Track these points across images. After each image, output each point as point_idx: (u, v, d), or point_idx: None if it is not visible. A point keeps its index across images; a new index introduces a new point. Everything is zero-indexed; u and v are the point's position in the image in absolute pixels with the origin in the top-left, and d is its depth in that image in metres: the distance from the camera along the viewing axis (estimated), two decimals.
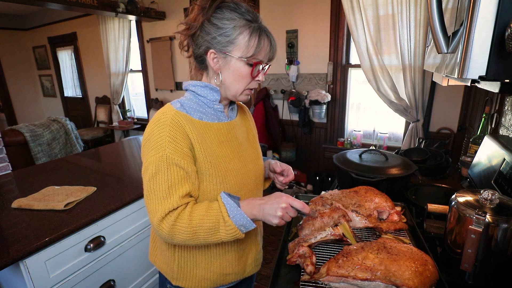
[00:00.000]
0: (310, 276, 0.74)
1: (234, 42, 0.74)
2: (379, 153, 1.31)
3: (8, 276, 1.20)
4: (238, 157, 0.84)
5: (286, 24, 2.99)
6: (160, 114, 0.76)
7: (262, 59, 0.78)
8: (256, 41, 0.75)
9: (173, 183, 0.70)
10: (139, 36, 4.24)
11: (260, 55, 0.77)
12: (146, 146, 0.74)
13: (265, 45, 0.77)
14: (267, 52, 0.78)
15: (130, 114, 4.88)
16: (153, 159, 0.71)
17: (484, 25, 0.48)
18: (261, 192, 0.97)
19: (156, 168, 0.70)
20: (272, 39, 0.79)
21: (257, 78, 0.80)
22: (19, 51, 5.94)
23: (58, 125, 3.56)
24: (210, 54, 0.77)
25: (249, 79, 0.79)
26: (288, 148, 3.20)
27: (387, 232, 0.91)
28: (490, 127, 1.49)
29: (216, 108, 0.82)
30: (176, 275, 0.85)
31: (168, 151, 0.70)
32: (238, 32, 0.74)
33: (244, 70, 0.77)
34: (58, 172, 1.78)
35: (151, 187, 0.71)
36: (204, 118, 0.80)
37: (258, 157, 0.94)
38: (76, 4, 3.02)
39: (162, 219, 0.69)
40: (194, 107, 0.80)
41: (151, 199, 0.71)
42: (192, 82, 0.82)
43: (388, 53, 2.45)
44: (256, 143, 0.97)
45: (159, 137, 0.72)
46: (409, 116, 2.51)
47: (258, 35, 0.75)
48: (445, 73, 0.68)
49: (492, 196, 0.71)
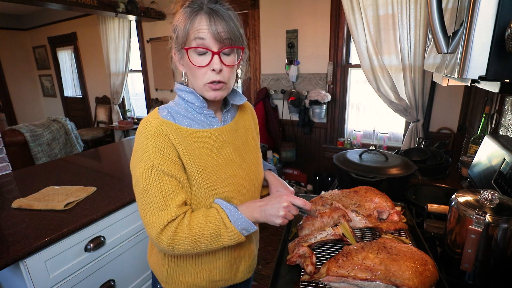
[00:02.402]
0: (310, 276, 0.74)
1: (178, 34, 0.70)
2: (379, 153, 1.31)
3: (8, 276, 1.20)
4: (230, 164, 0.79)
5: (286, 24, 2.99)
6: (145, 123, 0.72)
7: (202, 36, 0.67)
8: (188, 23, 0.67)
9: (167, 193, 0.67)
10: (139, 36, 4.24)
11: (194, 34, 0.67)
12: (134, 158, 0.71)
13: (202, 22, 0.66)
14: (207, 31, 0.66)
15: (130, 114, 4.88)
16: (142, 170, 0.68)
17: (484, 25, 0.48)
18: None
19: (147, 180, 0.67)
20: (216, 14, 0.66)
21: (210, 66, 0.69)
22: (19, 51, 5.94)
23: (58, 125, 3.56)
24: (174, 55, 0.75)
25: (201, 70, 0.70)
26: (288, 148, 3.20)
27: (387, 232, 0.91)
28: (490, 127, 1.49)
29: (206, 114, 0.77)
30: (166, 279, 0.84)
31: (157, 162, 0.67)
32: (180, 22, 0.69)
33: (192, 59, 0.69)
34: (58, 172, 1.78)
35: (145, 199, 0.68)
36: (194, 125, 0.75)
37: (256, 162, 0.88)
38: (76, 4, 3.02)
39: (161, 231, 0.66)
40: (182, 113, 0.75)
41: (146, 212, 0.68)
42: (180, 86, 0.77)
43: (388, 53, 2.45)
44: (255, 146, 0.91)
45: (146, 148, 0.68)
46: (409, 116, 2.51)
47: (189, 15, 0.67)
48: (445, 73, 0.68)
49: (492, 196, 0.71)
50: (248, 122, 0.91)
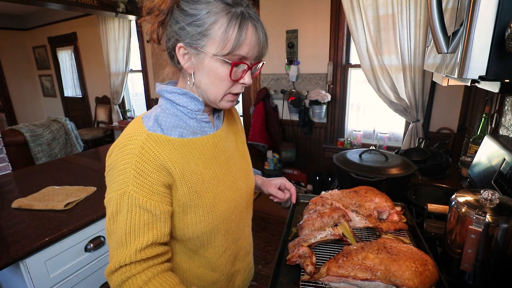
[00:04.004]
0: (310, 276, 0.74)
1: (207, 34, 0.58)
2: (379, 153, 1.31)
3: (8, 276, 1.20)
4: (227, 175, 0.72)
5: (286, 24, 2.99)
6: (127, 138, 0.60)
7: (246, 55, 0.60)
8: (235, 32, 0.57)
9: (131, 229, 0.57)
10: (139, 36, 4.24)
11: (242, 50, 0.59)
12: (109, 175, 0.61)
13: (249, 36, 0.59)
14: (253, 46, 0.60)
15: (130, 114, 4.88)
16: (115, 195, 0.58)
17: (484, 25, 0.48)
18: (250, 211, 0.87)
19: (117, 208, 0.57)
20: (260, 28, 0.60)
21: (241, 80, 0.63)
22: (19, 51, 5.93)
23: (58, 125, 3.56)
24: (179, 50, 0.61)
25: (230, 82, 0.62)
26: (288, 148, 3.20)
27: (387, 232, 0.91)
28: (490, 127, 1.49)
29: (199, 119, 0.68)
30: None
31: (132, 188, 0.57)
32: (213, 21, 0.57)
33: (222, 70, 0.60)
34: (58, 172, 1.78)
35: (110, 226, 0.59)
36: (185, 134, 0.65)
37: (248, 168, 0.83)
38: (76, 4, 3.02)
39: (112, 272, 0.56)
40: (172, 121, 0.64)
41: (109, 240, 0.59)
42: (167, 88, 0.67)
43: (388, 53, 2.45)
44: (245, 151, 0.84)
45: (124, 170, 0.58)
46: (409, 116, 2.51)
47: (238, 24, 0.57)
48: (445, 73, 0.68)
49: (492, 196, 0.71)
50: (235, 124, 0.84)
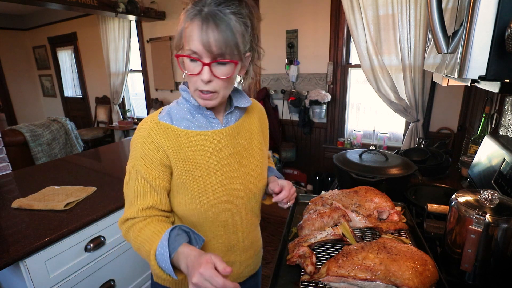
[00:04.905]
0: (310, 276, 0.74)
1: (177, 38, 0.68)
2: (379, 153, 1.31)
3: (8, 276, 1.20)
4: (226, 169, 0.76)
5: (286, 24, 2.99)
6: (143, 122, 0.75)
7: (196, 50, 0.63)
8: (183, 27, 0.64)
9: (137, 194, 0.72)
10: (139, 36, 4.24)
11: (188, 44, 0.64)
12: (130, 151, 0.76)
13: (194, 29, 0.62)
14: (200, 42, 0.62)
15: (130, 114, 4.88)
16: (129, 166, 0.74)
17: (484, 25, 0.48)
18: (257, 208, 0.87)
19: (129, 176, 0.74)
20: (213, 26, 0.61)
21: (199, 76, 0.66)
22: (19, 51, 5.93)
23: (58, 125, 3.56)
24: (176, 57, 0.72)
25: (194, 78, 0.67)
26: (288, 148, 3.20)
27: (387, 232, 0.91)
28: (490, 127, 1.49)
29: (206, 115, 0.75)
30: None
31: (139, 163, 0.71)
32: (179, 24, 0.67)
33: (185, 64, 0.67)
34: (58, 172, 1.78)
35: (125, 191, 0.75)
36: (192, 126, 0.74)
37: (257, 168, 0.83)
38: (76, 4, 3.02)
39: (123, 222, 0.73)
40: (182, 114, 0.74)
41: (125, 199, 0.76)
42: (181, 86, 0.77)
43: (388, 53, 2.45)
44: (259, 151, 0.85)
45: (136, 147, 0.73)
46: (409, 116, 2.51)
47: (189, 20, 0.63)
48: (445, 73, 0.68)
49: (492, 196, 0.71)
50: (254, 125, 0.86)
